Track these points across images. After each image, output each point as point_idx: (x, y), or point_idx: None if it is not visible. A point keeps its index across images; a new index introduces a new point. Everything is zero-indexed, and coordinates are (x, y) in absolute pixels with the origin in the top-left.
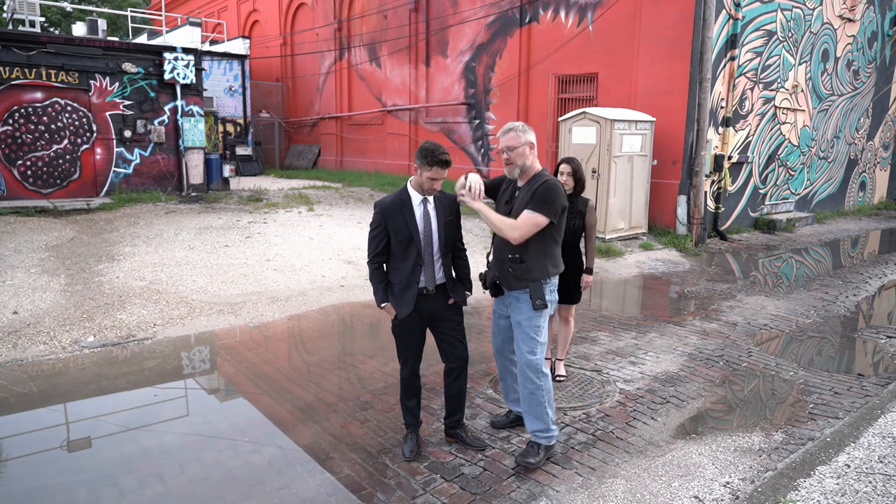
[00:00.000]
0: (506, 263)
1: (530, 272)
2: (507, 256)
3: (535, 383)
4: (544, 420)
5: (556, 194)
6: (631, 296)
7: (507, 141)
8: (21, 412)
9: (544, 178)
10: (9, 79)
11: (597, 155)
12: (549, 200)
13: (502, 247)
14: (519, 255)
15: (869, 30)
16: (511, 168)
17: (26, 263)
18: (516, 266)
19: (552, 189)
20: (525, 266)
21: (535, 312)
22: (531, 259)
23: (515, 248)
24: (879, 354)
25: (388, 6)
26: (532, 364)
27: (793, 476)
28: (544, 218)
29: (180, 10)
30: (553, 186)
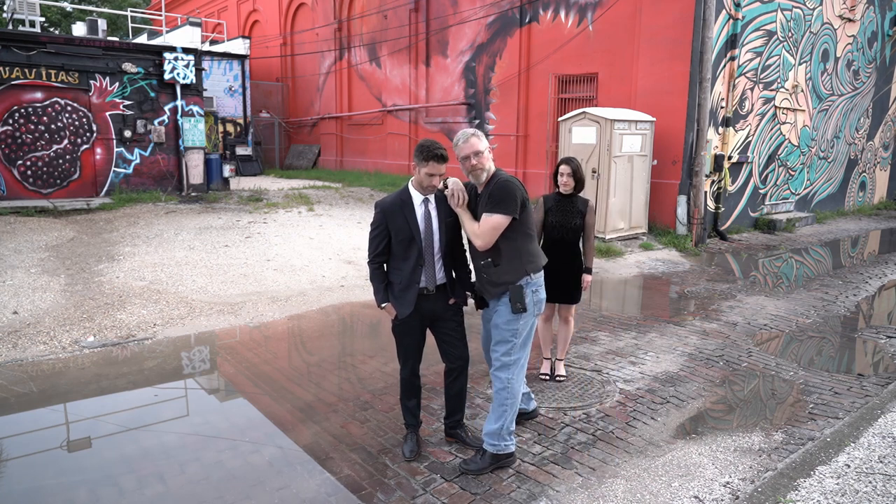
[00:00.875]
0: (481, 271)
1: (505, 275)
2: (480, 263)
3: (502, 381)
4: (500, 422)
5: (509, 190)
6: (631, 296)
7: (471, 147)
8: (21, 412)
9: (497, 177)
10: (9, 79)
11: (597, 155)
12: (503, 198)
13: (475, 255)
14: (491, 258)
15: (869, 30)
16: (479, 174)
17: (26, 263)
18: (490, 271)
19: (505, 186)
20: (500, 269)
21: (513, 316)
22: (504, 261)
23: (487, 253)
24: (879, 354)
25: (388, 6)
26: (504, 364)
27: (793, 476)
28: (502, 217)
29: (180, 10)
30: (505, 183)
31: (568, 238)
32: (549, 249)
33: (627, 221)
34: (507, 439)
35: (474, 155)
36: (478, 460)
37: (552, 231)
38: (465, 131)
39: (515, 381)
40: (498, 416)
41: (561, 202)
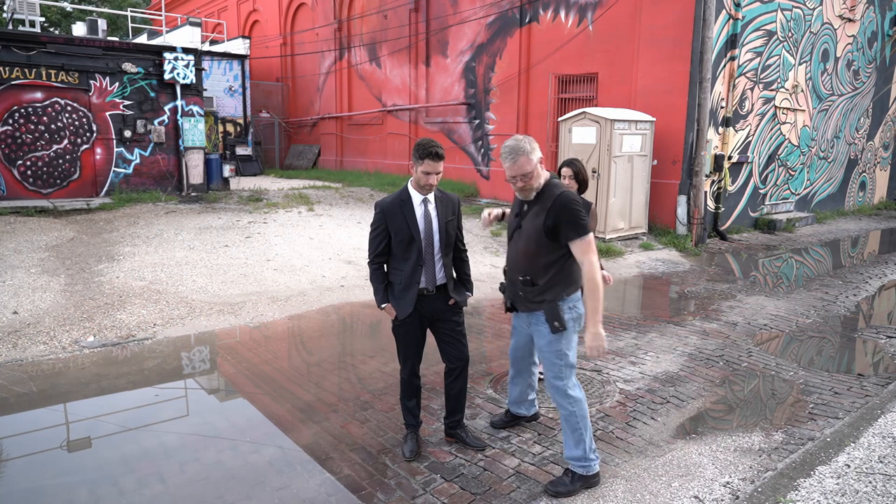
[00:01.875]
0: (517, 285)
1: (542, 295)
2: (517, 278)
3: (566, 409)
4: (581, 447)
5: (578, 205)
6: (631, 296)
7: (519, 168)
8: (21, 412)
9: (555, 190)
10: (9, 79)
11: (597, 155)
12: (580, 214)
13: (514, 266)
14: (531, 277)
15: (869, 30)
16: (527, 193)
17: (26, 263)
18: (528, 289)
19: (572, 203)
20: (536, 290)
21: (554, 336)
22: (544, 282)
23: (526, 269)
24: (879, 354)
25: (388, 6)
26: (559, 389)
27: (793, 476)
28: (589, 234)
29: (180, 10)
30: (571, 200)
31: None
32: None
33: (627, 221)
34: (593, 458)
35: (521, 177)
36: (567, 482)
37: None
38: (513, 144)
39: (578, 405)
40: (577, 442)
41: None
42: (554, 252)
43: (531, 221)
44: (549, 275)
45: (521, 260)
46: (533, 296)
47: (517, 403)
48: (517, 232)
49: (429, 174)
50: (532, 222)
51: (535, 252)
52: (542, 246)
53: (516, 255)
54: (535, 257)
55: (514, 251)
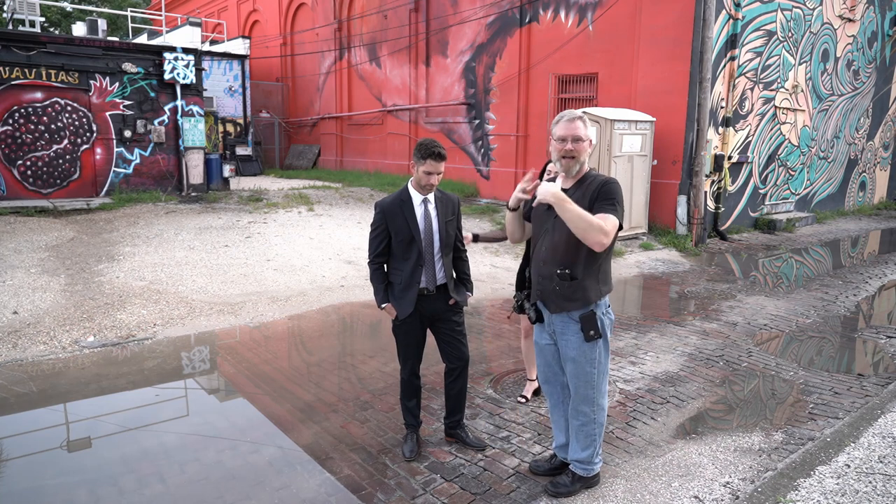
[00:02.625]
0: (553, 280)
1: (583, 291)
2: (554, 272)
3: (587, 416)
4: (589, 451)
5: (619, 192)
6: (631, 296)
7: (572, 130)
8: (21, 412)
9: (601, 176)
10: (9, 79)
11: (597, 155)
12: (619, 199)
13: (549, 260)
14: (570, 270)
15: (869, 30)
16: (571, 164)
17: (26, 263)
18: (566, 284)
19: (617, 186)
20: (577, 284)
21: (587, 344)
22: (582, 276)
23: (566, 262)
24: (879, 354)
25: (388, 6)
26: (587, 398)
27: (793, 476)
28: (618, 222)
29: (180, 10)
30: (616, 184)
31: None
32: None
33: (627, 221)
34: (597, 461)
35: (573, 140)
36: (567, 483)
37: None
38: (570, 112)
39: (600, 413)
40: (586, 446)
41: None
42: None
43: (591, 204)
44: (590, 269)
45: (561, 252)
46: (571, 291)
47: (562, 447)
48: (553, 222)
49: (430, 174)
50: (596, 204)
51: (578, 242)
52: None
53: (552, 247)
54: (577, 248)
55: (548, 244)
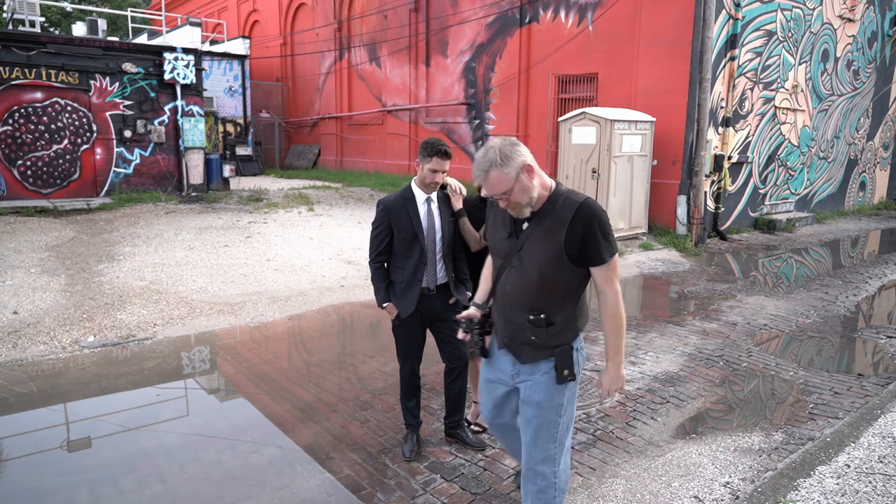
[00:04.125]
0: (525, 329)
1: (557, 336)
2: (526, 319)
3: (547, 479)
4: None
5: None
6: (631, 296)
7: (492, 187)
8: (21, 412)
9: (573, 197)
10: (9, 79)
11: (597, 155)
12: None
13: (516, 302)
14: (545, 314)
15: (869, 30)
16: (517, 209)
17: (26, 263)
18: (541, 332)
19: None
20: (553, 330)
21: (558, 387)
22: (561, 320)
23: (540, 305)
24: (879, 354)
25: (388, 6)
26: (549, 456)
27: (793, 476)
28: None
29: (180, 10)
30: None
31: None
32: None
33: (627, 221)
34: None
35: (502, 196)
36: None
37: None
38: (479, 159)
39: (563, 474)
40: None
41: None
42: (575, 279)
43: (542, 242)
44: (568, 310)
45: (531, 294)
46: (547, 339)
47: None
48: (517, 257)
49: (436, 172)
50: (544, 243)
51: (553, 281)
52: (563, 273)
53: (521, 287)
54: (552, 288)
55: (514, 282)
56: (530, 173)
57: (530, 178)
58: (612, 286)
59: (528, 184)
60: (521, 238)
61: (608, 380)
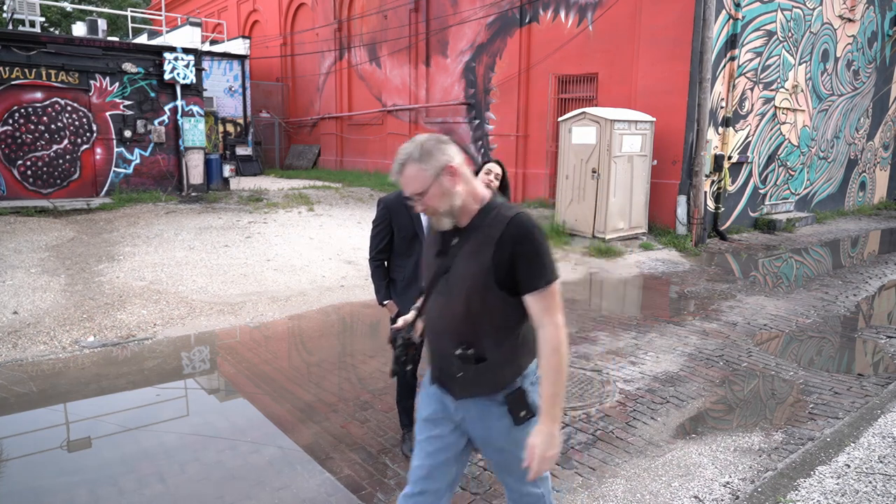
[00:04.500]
0: (452, 363)
1: (495, 374)
2: (453, 352)
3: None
4: None
5: (543, 235)
6: (631, 296)
7: (407, 184)
8: (21, 412)
9: (505, 211)
10: (9, 79)
11: (597, 155)
12: (548, 251)
13: (443, 332)
14: (474, 349)
15: (869, 30)
16: (437, 219)
17: (26, 263)
18: (470, 368)
19: (536, 231)
20: (486, 367)
21: (519, 428)
22: (494, 355)
23: (466, 337)
24: (879, 354)
25: (388, 6)
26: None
27: (793, 476)
28: (557, 279)
29: (180, 10)
30: (533, 227)
31: None
32: None
33: (627, 221)
34: None
35: (416, 197)
36: None
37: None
38: (403, 151)
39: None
40: None
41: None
42: (510, 308)
43: (468, 263)
44: (504, 344)
45: (459, 324)
46: (477, 376)
47: None
48: (443, 279)
49: None
50: (470, 264)
51: (481, 310)
52: (493, 300)
53: (448, 315)
54: (480, 319)
55: (441, 309)
56: (454, 177)
57: (453, 182)
58: (552, 318)
59: (450, 188)
60: (448, 257)
61: (540, 441)
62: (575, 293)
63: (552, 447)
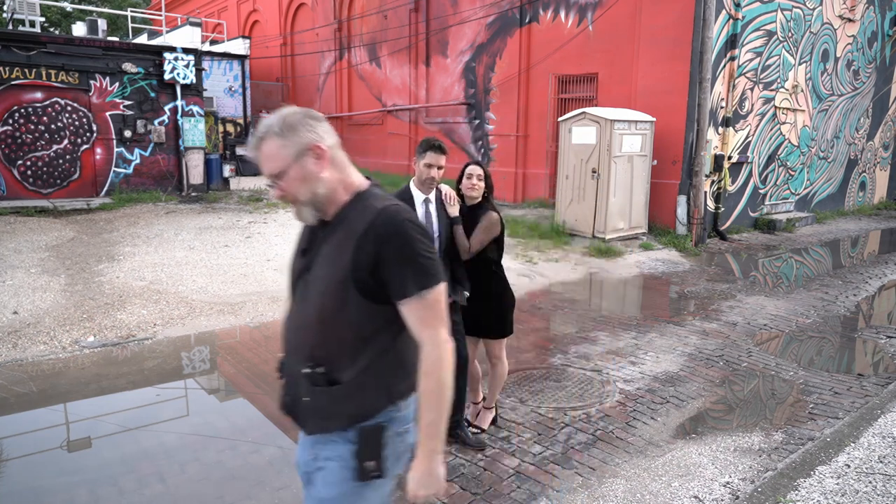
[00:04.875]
0: (299, 382)
1: (354, 402)
2: (300, 371)
3: None
4: None
5: (418, 230)
6: (631, 296)
7: (264, 162)
8: (21, 412)
9: (374, 203)
10: (9, 79)
11: (597, 155)
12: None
13: (295, 347)
14: (325, 367)
15: (869, 30)
16: (298, 208)
17: (26, 263)
18: (320, 393)
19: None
20: (340, 392)
21: (354, 486)
22: (354, 375)
23: (317, 353)
24: (879, 354)
25: (388, 6)
26: None
27: (793, 476)
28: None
29: (180, 10)
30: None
31: (480, 256)
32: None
33: (627, 221)
34: None
35: (273, 179)
36: None
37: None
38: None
39: None
40: None
41: (469, 214)
42: (371, 319)
43: (327, 262)
44: (362, 363)
45: (307, 334)
46: (329, 403)
47: None
48: (302, 282)
49: (431, 167)
50: (329, 264)
51: (334, 321)
52: (350, 309)
53: (300, 325)
54: (334, 331)
55: (295, 318)
56: (321, 160)
57: (319, 166)
58: (431, 333)
59: (313, 172)
60: (310, 255)
61: (416, 478)
62: (575, 293)
63: (429, 486)
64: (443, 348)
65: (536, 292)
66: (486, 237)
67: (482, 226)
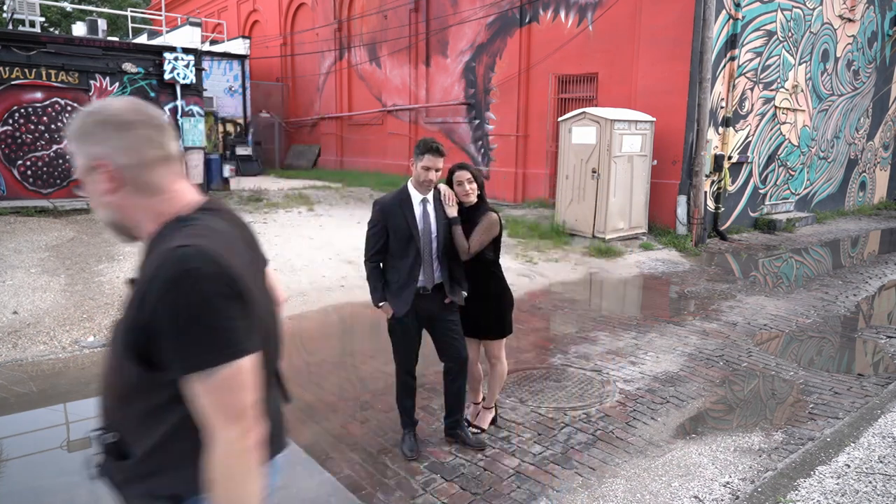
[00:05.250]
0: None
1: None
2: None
3: None
4: None
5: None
6: (631, 296)
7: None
8: (21, 412)
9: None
10: (9, 79)
11: (597, 155)
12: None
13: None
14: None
15: (869, 30)
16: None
17: (26, 263)
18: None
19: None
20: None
21: None
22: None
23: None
24: (879, 354)
25: (388, 6)
26: None
27: (793, 476)
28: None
29: (180, 10)
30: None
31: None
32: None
33: (627, 221)
34: None
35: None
36: None
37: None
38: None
39: None
40: None
41: (466, 214)
42: (161, 391)
43: (126, 308)
44: (152, 439)
45: (105, 388)
46: (123, 479)
47: None
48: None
49: (429, 169)
50: (126, 310)
51: (117, 386)
52: (130, 375)
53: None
54: (120, 398)
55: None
56: (110, 182)
57: (107, 188)
58: (222, 427)
59: (99, 193)
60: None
61: None
62: (575, 293)
63: None
64: (237, 448)
65: (536, 292)
66: (486, 238)
67: (482, 226)
